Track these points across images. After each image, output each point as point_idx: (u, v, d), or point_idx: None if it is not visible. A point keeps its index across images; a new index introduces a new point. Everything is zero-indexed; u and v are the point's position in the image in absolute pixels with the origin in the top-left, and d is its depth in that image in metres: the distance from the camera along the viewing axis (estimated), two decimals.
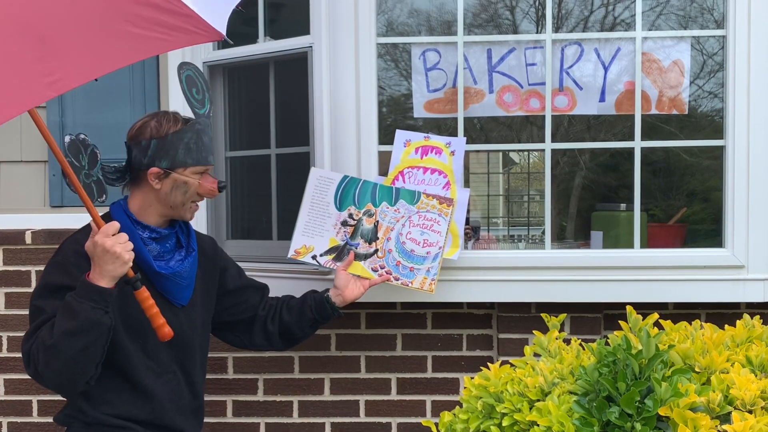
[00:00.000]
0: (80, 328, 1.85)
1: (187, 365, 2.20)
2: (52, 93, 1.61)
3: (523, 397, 1.57)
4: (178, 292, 2.13)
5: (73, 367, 1.90)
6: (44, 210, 3.18)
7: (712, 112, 2.92)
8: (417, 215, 2.53)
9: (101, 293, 1.86)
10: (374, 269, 2.50)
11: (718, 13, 2.73)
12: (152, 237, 2.11)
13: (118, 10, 1.64)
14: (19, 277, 3.10)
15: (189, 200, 2.12)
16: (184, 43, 1.73)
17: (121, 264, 1.87)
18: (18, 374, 3.09)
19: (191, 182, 2.09)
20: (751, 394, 1.39)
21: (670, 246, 2.97)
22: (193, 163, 2.10)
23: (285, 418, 3.02)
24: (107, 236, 1.86)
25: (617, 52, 2.75)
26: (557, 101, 2.77)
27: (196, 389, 2.24)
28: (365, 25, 2.69)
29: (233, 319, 2.38)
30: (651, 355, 1.44)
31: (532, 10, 3.04)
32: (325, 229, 2.54)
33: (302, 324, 2.38)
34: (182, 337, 2.14)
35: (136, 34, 1.64)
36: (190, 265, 2.16)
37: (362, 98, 2.70)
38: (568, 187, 4.30)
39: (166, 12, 1.65)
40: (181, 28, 1.66)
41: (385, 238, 2.52)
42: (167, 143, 2.07)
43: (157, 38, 1.65)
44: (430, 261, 2.50)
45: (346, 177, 2.58)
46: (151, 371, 2.10)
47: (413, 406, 2.96)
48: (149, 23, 1.64)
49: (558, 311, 2.03)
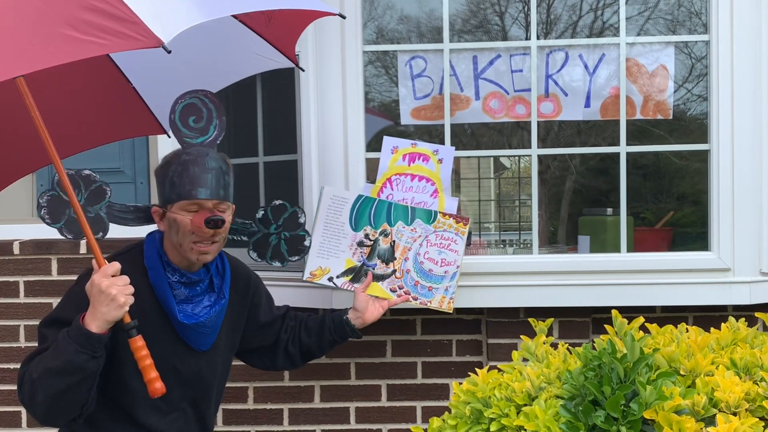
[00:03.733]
0: (62, 368, 1.76)
1: (200, 403, 2.11)
2: None
3: (511, 402, 1.57)
4: (200, 339, 2.03)
5: (54, 405, 1.81)
6: (32, 220, 3.18)
7: (700, 115, 2.94)
8: (434, 234, 2.52)
9: (89, 338, 1.75)
10: (393, 290, 2.48)
11: (705, 16, 2.75)
12: (181, 281, 1.99)
13: (57, 14, 1.62)
14: (7, 287, 3.09)
15: (187, 240, 1.94)
16: (121, 48, 1.68)
17: (116, 307, 1.75)
18: (7, 385, 3.08)
19: (179, 219, 1.93)
20: (736, 397, 1.40)
21: (658, 250, 2.99)
22: (176, 198, 1.94)
23: (275, 426, 3.02)
24: (105, 276, 1.76)
25: (602, 58, 2.77)
26: (543, 107, 2.78)
27: (206, 424, 2.16)
28: (351, 33, 2.70)
29: (259, 346, 2.30)
30: (636, 359, 1.44)
31: (521, 16, 3.06)
32: (340, 250, 2.50)
33: (322, 344, 2.33)
34: (199, 379, 2.07)
35: (69, 36, 1.60)
36: (217, 314, 2.04)
37: (349, 106, 2.71)
38: (559, 192, 4.31)
39: (110, 17, 1.61)
40: (121, 33, 1.61)
41: (402, 258, 2.50)
42: (159, 179, 1.99)
43: (92, 42, 1.61)
44: (448, 280, 2.49)
45: (360, 196, 2.55)
46: (157, 410, 2.00)
47: (403, 412, 2.96)
48: (90, 27, 1.60)
49: (547, 316, 2.04)
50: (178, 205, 1.94)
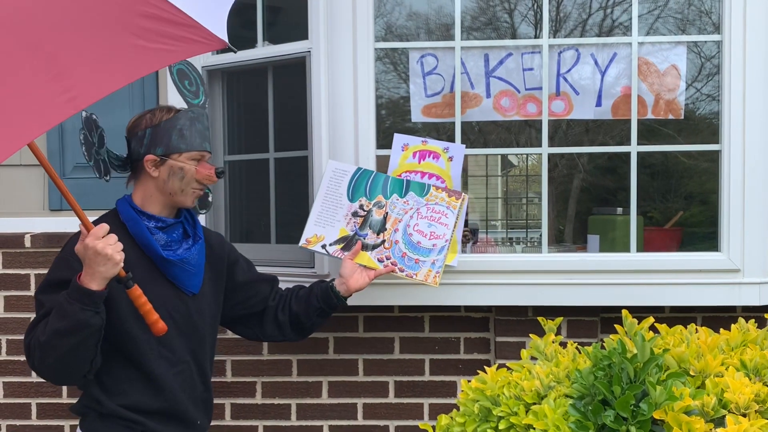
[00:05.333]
0: (70, 328, 1.89)
1: (199, 355, 2.21)
2: (72, 110, 1.62)
3: (520, 400, 1.58)
4: (188, 279, 2.15)
5: (66, 364, 1.95)
6: (43, 213, 3.20)
7: (710, 115, 2.93)
8: (425, 207, 2.54)
9: (91, 296, 1.88)
10: (380, 260, 2.50)
11: (716, 15, 2.74)
12: (158, 226, 2.13)
13: (122, 26, 1.67)
14: (18, 280, 3.11)
15: (188, 186, 2.14)
16: (190, 53, 1.75)
17: (113, 265, 1.88)
18: (17, 377, 3.10)
19: (187, 168, 2.12)
20: (745, 398, 1.40)
21: (667, 249, 2.98)
22: (187, 149, 2.12)
23: (283, 421, 3.03)
24: (97, 239, 1.87)
25: (614, 57, 2.76)
26: (554, 106, 2.78)
27: (206, 381, 2.26)
28: (363, 29, 2.70)
29: (246, 313, 2.39)
30: (646, 359, 1.45)
31: (530, 13, 3.05)
32: (336, 220, 2.55)
33: (309, 313, 2.39)
34: (192, 325, 2.17)
35: (142, 47, 1.66)
36: (198, 252, 2.18)
37: (360, 102, 2.71)
38: (567, 190, 4.31)
39: (169, 23, 1.67)
40: (185, 38, 1.68)
41: (392, 230, 2.53)
42: (161, 130, 2.11)
43: (163, 50, 1.68)
44: (436, 253, 2.50)
45: (359, 169, 2.60)
46: (165, 360, 2.12)
47: (411, 409, 2.97)
48: (154, 35, 1.66)
49: (555, 314, 2.04)
50: (186, 155, 2.12)
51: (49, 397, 3.10)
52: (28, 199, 3.17)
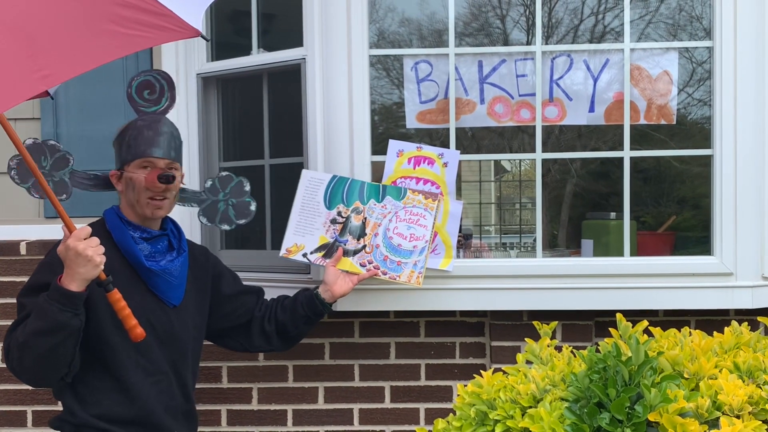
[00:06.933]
0: (48, 328, 1.89)
1: (180, 367, 2.21)
2: (44, 86, 1.70)
3: (516, 404, 1.59)
4: (170, 290, 2.16)
5: (44, 364, 1.96)
6: (39, 221, 3.19)
7: (702, 119, 2.95)
8: (403, 210, 2.57)
9: (70, 297, 1.88)
10: (362, 264, 2.54)
11: (707, 21, 2.76)
12: (143, 237, 2.15)
13: (100, 12, 1.75)
14: (13, 288, 3.10)
15: (140, 196, 2.13)
16: (163, 40, 1.86)
17: (93, 267, 1.89)
18: (13, 385, 3.09)
19: (134, 177, 2.12)
20: (739, 400, 1.42)
21: (660, 253, 3.00)
22: (132, 158, 2.13)
23: (279, 427, 3.03)
24: (79, 240, 1.89)
25: (606, 63, 2.79)
26: (547, 112, 2.80)
27: (187, 393, 2.25)
28: (357, 36, 2.72)
29: (232, 325, 2.40)
30: (640, 362, 1.46)
31: (522, 19, 3.08)
32: (315, 228, 2.58)
33: (296, 321, 2.41)
34: (173, 337, 2.17)
35: (119, 32, 1.75)
36: (181, 265, 2.19)
37: (355, 109, 2.73)
38: (560, 195, 4.33)
39: (146, 12, 1.76)
40: (159, 26, 1.77)
41: (372, 234, 2.55)
42: (116, 145, 2.18)
43: (139, 35, 1.76)
44: (417, 255, 2.54)
45: (335, 177, 2.63)
46: (143, 369, 2.12)
47: (407, 414, 2.98)
48: (130, 22, 1.75)
49: (550, 319, 2.05)
50: (134, 164, 2.13)
51: (44, 405, 3.09)
52: (23, 207, 3.16)
